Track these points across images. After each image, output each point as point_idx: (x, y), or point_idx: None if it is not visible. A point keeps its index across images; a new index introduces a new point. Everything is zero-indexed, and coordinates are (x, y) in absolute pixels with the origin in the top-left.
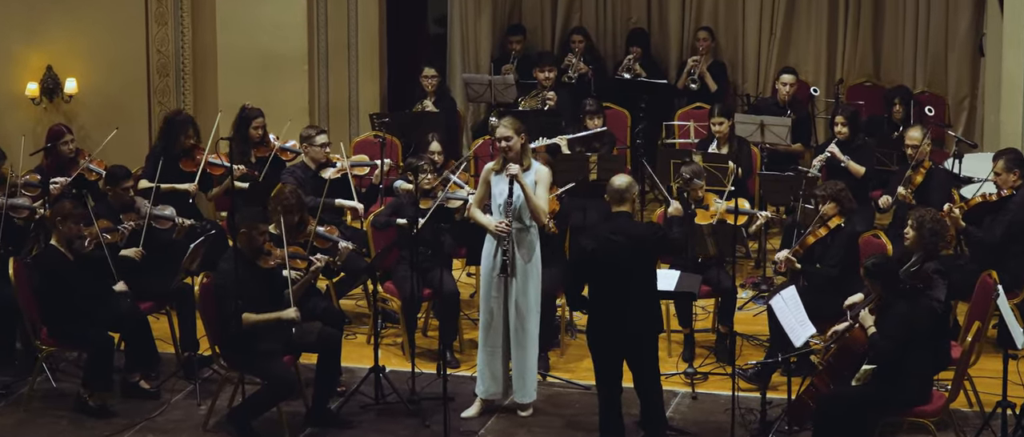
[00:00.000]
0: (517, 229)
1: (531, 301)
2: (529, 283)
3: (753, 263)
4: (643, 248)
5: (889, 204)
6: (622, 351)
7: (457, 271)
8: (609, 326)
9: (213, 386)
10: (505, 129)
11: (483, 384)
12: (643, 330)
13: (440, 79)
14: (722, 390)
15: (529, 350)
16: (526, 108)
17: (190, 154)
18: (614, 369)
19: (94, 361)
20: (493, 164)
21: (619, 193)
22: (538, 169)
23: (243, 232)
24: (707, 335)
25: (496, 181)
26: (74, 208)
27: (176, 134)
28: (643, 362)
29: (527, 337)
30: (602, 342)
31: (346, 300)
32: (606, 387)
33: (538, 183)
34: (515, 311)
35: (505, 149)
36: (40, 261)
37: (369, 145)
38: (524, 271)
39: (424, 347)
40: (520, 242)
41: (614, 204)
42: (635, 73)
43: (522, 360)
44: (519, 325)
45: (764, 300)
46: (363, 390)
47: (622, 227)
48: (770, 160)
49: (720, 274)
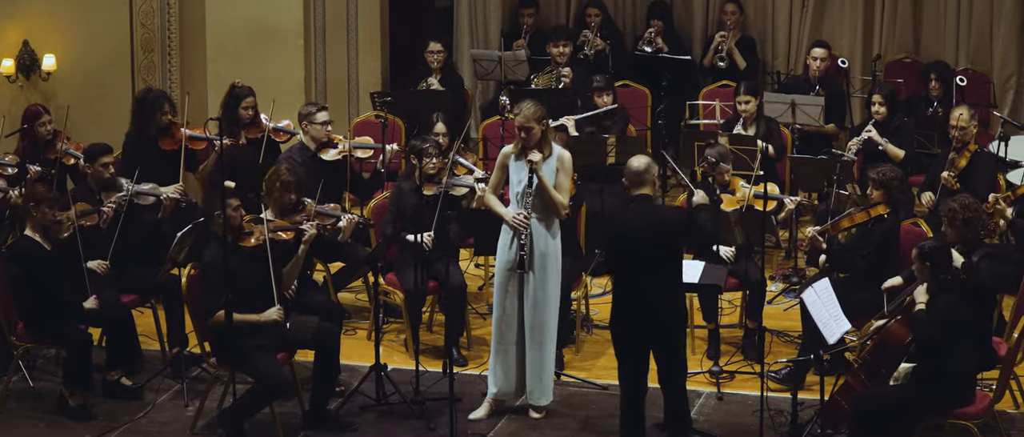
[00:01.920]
0: (536, 219)
1: (550, 296)
2: (548, 277)
3: (784, 253)
4: (669, 233)
5: (932, 202)
6: (649, 343)
7: (464, 262)
8: (634, 316)
9: (202, 385)
10: (524, 118)
11: (494, 383)
12: (671, 320)
13: (446, 55)
14: (750, 390)
15: (547, 348)
16: (539, 86)
17: (169, 132)
18: (639, 364)
19: (71, 358)
20: (512, 147)
21: (638, 175)
22: (560, 155)
23: (217, 215)
24: (734, 331)
25: (515, 167)
26: (48, 192)
27: (150, 113)
28: (669, 355)
29: (545, 334)
30: (626, 333)
31: (345, 293)
32: (629, 384)
33: (560, 170)
34: (532, 306)
35: (524, 136)
36: (15, 251)
37: (370, 126)
38: (543, 264)
39: (429, 344)
40: (539, 234)
41: (633, 187)
42: (656, 48)
43: (539, 359)
44: (537, 321)
45: (795, 293)
46: (363, 390)
47: (645, 211)
48: (801, 142)
49: (748, 265)
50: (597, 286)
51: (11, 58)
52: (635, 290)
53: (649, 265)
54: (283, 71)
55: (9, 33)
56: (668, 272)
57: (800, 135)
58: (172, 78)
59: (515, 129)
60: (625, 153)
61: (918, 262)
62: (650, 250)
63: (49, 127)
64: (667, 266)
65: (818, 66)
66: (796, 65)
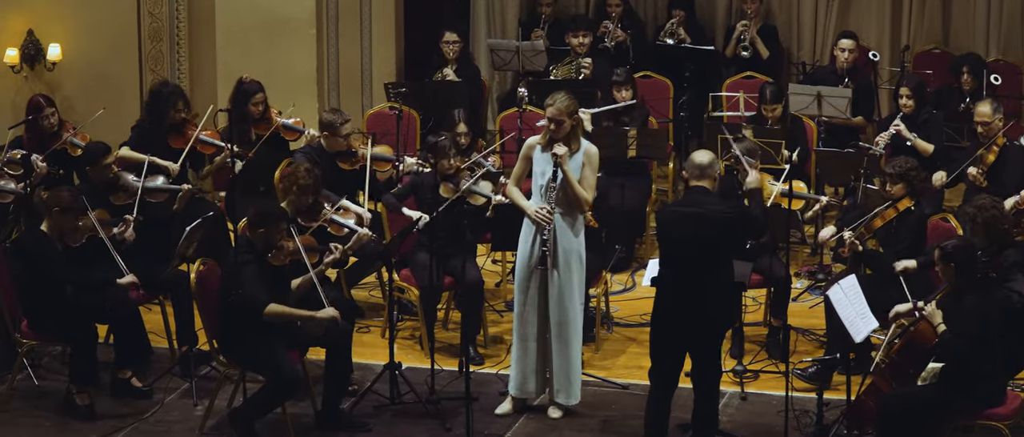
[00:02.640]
0: (559, 213)
1: (574, 293)
2: (573, 273)
3: (809, 250)
4: (721, 227)
5: (942, 181)
6: (690, 341)
7: (481, 257)
8: (680, 311)
9: (211, 384)
10: (556, 111)
11: (514, 384)
12: (719, 319)
13: (462, 45)
14: (774, 390)
15: (573, 346)
16: (558, 77)
17: (180, 130)
18: (674, 361)
19: (77, 356)
20: (538, 138)
21: (700, 168)
22: (587, 150)
23: (262, 232)
24: (758, 329)
25: (539, 159)
26: (73, 200)
27: (163, 108)
28: (707, 354)
29: (571, 331)
30: (668, 328)
31: (358, 290)
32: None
33: (586, 165)
34: (557, 304)
35: (553, 130)
36: (22, 245)
37: (383, 118)
38: (566, 261)
39: (444, 342)
40: (563, 230)
41: (693, 179)
42: (678, 39)
43: (566, 357)
44: (562, 319)
45: (821, 290)
46: (377, 389)
47: (697, 199)
48: (828, 135)
49: (773, 262)
50: (617, 283)
51: (15, 48)
52: (682, 284)
53: (699, 260)
54: (295, 61)
55: (13, 22)
56: (719, 268)
57: (826, 128)
58: (180, 68)
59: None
60: (646, 146)
61: (941, 264)
62: (701, 244)
63: (53, 120)
64: (718, 261)
65: (846, 58)
66: (822, 56)
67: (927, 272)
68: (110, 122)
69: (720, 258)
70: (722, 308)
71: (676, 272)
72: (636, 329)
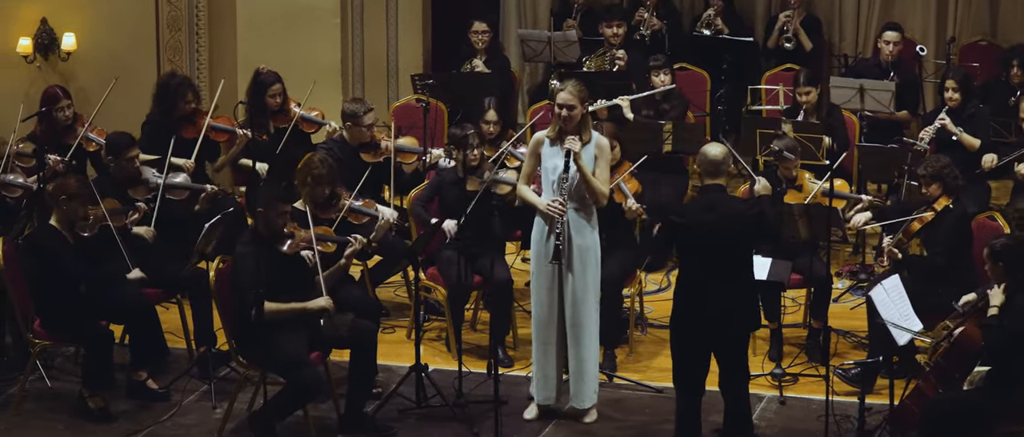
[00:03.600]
0: (573, 208)
1: (590, 292)
2: (587, 271)
3: (851, 249)
4: (740, 227)
5: (993, 163)
6: (711, 343)
7: (511, 256)
8: (698, 313)
9: (230, 386)
10: (569, 96)
11: (537, 390)
12: (741, 320)
13: (492, 35)
14: (814, 394)
15: (587, 348)
16: (591, 69)
17: (192, 120)
18: (698, 365)
19: (90, 357)
20: (546, 133)
21: (714, 165)
22: (598, 141)
23: (260, 212)
24: (797, 331)
25: (549, 154)
26: (81, 187)
27: (173, 99)
28: (733, 357)
29: (584, 333)
30: (688, 332)
31: (383, 289)
32: (685, 385)
33: (598, 158)
34: (571, 303)
35: (565, 118)
36: (34, 242)
37: (410, 110)
38: (582, 258)
39: (472, 343)
40: (576, 224)
41: (707, 177)
42: (716, 29)
43: (579, 359)
44: (575, 319)
45: (863, 291)
46: (402, 392)
47: (714, 200)
48: (870, 130)
49: (813, 261)
50: (652, 282)
51: (29, 37)
52: (700, 286)
53: (718, 261)
54: (318, 52)
55: (27, 11)
56: (739, 269)
57: (868, 123)
58: (200, 59)
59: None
60: (682, 141)
61: (990, 262)
62: (720, 245)
63: (68, 112)
64: (738, 262)
65: (891, 50)
66: (864, 48)
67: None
68: (126, 114)
69: (740, 258)
70: (746, 310)
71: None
72: None
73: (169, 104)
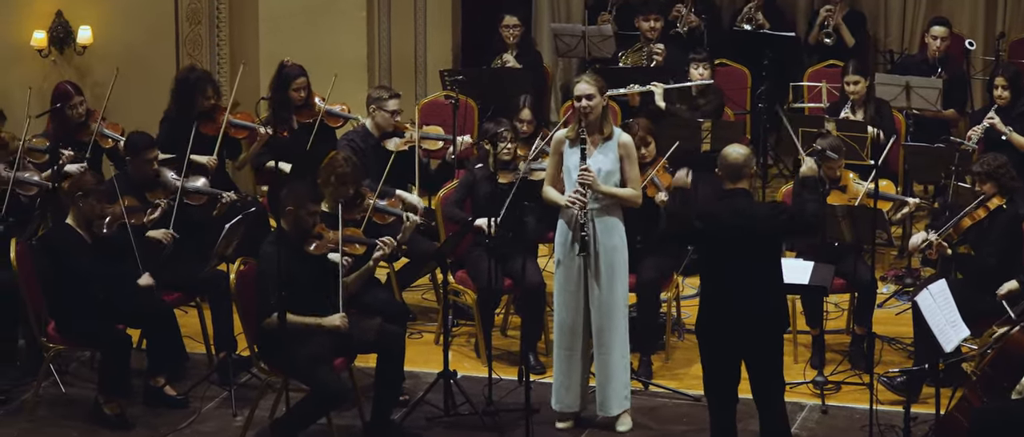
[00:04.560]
0: (598, 207)
1: (617, 294)
2: (615, 273)
3: (896, 252)
4: (763, 232)
5: None
6: (738, 351)
7: (543, 258)
8: (722, 321)
9: (252, 393)
10: (588, 85)
11: (557, 398)
12: (763, 326)
13: (524, 29)
14: (858, 403)
15: (614, 353)
16: (627, 65)
17: (211, 116)
18: (727, 373)
19: (107, 362)
20: (566, 131)
21: (735, 168)
22: (621, 139)
23: (290, 210)
24: (841, 337)
25: (570, 154)
26: (98, 182)
27: (191, 95)
28: (764, 365)
29: (613, 336)
30: (714, 339)
31: (410, 292)
32: (716, 395)
33: (624, 157)
34: (598, 307)
35: (585, 110)
36: (49, 243)
37: (439, 107)
38: (608, 259)
39: (503, 349)
40: (602, 225)
41: (728, 181)
42: (756, 24)
43: (606, 365)
44: (603, 323)
45: (909, 296)
46: (430, 399)
47: (739, 208)
48: (917, 128)
49: (857, 264)
50: (689, 286)
51: (43, 30)
52: (723, 293)
53: (742, 268)
54: (343, 46)
55: (41, 3)
56: (763, 273)
57: (915, 121)
58: (220, 53)
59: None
60: (721, 139)
61: None
62: (742, 251)
63: (81, 109)
64: (762, 267)
65: (938, 46)
66: (911, 44)
67: None
68: (143, 110)
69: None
70: (771, 315)
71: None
72: None
73: (188, 100)
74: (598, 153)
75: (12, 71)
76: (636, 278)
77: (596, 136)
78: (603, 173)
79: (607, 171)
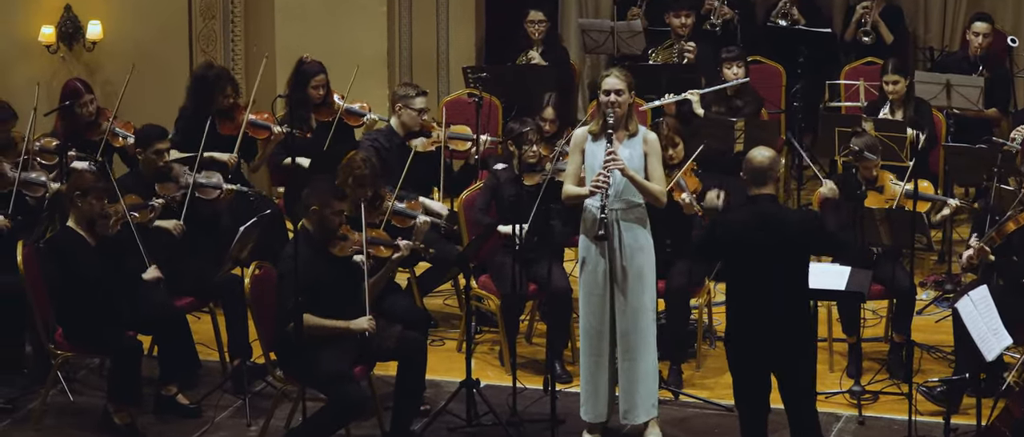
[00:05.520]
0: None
1: (643, 299)
2: (642, 277)
3: (936, 257)
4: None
5: None
6: (768, 362)
7: (569, 263)
8: (750, 332)
9: (267, 402)
10: (618, 80)
11: (586, 408)
12: (793, 337)
13: (550, 25)
14: (896, 414)
15: (640, 359)
16: (657, 61)
17: (230, 115)
18: (758, 384)
19: (117, 369)
20: (588, 127)
21: (760, 172)
22: (646, 136)
23: (314, 210)
24: (878, 345)
25: (593, 151)
26: (97, 180)
27: (209, 93)
28: (794, 376)
29: (641, 342)
30: (742, 350)
31: (432, 298)
32: (747, 406)
33: (648, 154)
34: (622, 311)
35: (614, 105)
36: (54, 246)
37: (461, 105)
38: (635, 261)
39: (527, 357)
40: (628, 225)
41: (754, 185)
42: (792, 20)
43: (632, 371)
44: (629, 328)
45: (949, 303)
46: (452, 408)
47: (765, 213)
48: (958, 128)
49: (895, 270)
50: (721, 293)
51: (52, 25)
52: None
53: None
54: (362, 42)
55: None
56: (787, 283)
57: (956, 121)
58: (235, 49)
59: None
60: (755, 140)
61: None
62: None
63: (91, 108)
64: (786, 277)
65: (980, 43)
66: (951, 40)
67: None
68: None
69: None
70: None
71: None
72: None
73: (206, 98)
74: (623, 148)
75: (19, 68)
76: (666, 283)
77: (621, 132)
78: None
79: (632, 168)
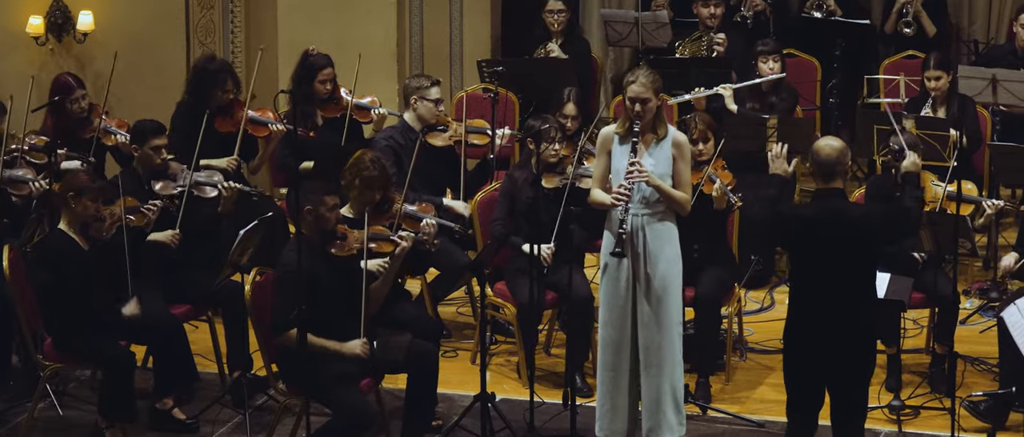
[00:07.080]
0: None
1: (668, 308)
2: (667, 285)
3: (981, 263)
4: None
5: None
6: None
7: (590, 269)
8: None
9: (268, 417)
10: (642, 87)
11: (602, 425)
12: (854, 345)
13: (570, 15)
14: (938, 429)
15: (665, 373)
16: (685, 55)
17: (229, 112)
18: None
19: (109, 382)
20: (615, 127)
21: (828, 165)
22: (675, 138)
23: (307, 211)
24: (919, 357)
25: (619, 152)
26: (91, 181)
27: (209, 87)
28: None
29: (663, 355)
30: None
31: (444, 306)
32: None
33: (677, 159)
34: (645, 321)
35: (638, 113)
36: (43, 251)
37: (476, 101)
38: (659, 269)
39: (546, 369)
40: (652, 232)
41: (822, 179)
42: (828, 11)
43: (655, 387)
44: (651, 339)
45: (995, 312)
46: (465, 424)
47: (836, 210)
48: (1004, 127)
49: (938, 277)
50: (752, 301)
51: (40, 15)
52: (814, 307)
53: (836, 276)
54: (370, 34)
55: None
56: (857, 286)
57: (1002, 118)
58: (235, 41)
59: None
60: (788, 137)
61: None
62: (838, 259)
63: (83, 104)
64: (857, 278)
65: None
66: (997, 33)
67: None
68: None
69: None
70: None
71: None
72: (774, 356)
73: (205, 93)
74: (649, 155)
75: (6, 61)
76: (694, 291)
77: (649, 136)
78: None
79: (659, 174)
